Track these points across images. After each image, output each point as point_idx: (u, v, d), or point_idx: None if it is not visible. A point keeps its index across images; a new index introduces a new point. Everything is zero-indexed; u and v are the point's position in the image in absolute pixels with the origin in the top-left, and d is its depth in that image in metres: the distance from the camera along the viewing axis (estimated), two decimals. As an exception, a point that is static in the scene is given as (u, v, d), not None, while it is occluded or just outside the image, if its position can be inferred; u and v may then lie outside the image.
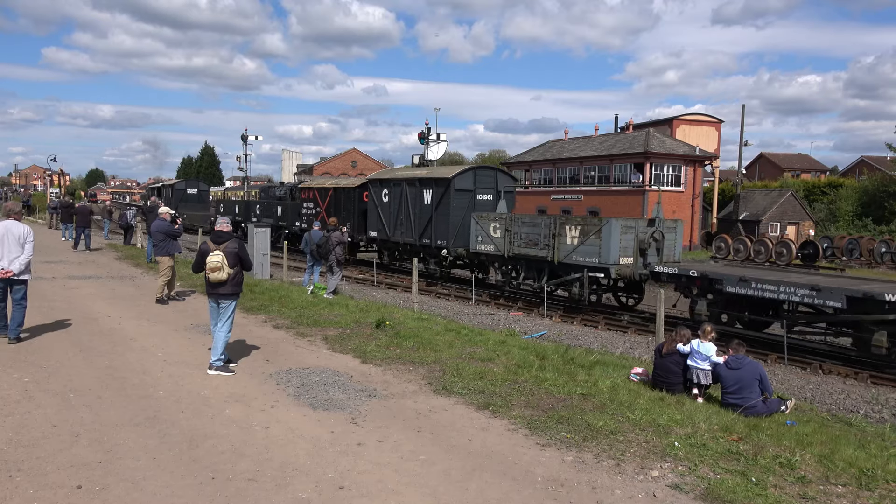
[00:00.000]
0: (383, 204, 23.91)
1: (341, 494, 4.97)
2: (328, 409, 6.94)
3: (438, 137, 33.47)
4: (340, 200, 26.79)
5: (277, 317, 12.07)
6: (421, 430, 6.40)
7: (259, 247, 18.46)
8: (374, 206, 24.40)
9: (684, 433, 6.43)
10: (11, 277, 8.93)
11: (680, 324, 9.44)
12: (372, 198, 24.55)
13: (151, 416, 6.54)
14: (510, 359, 9.18)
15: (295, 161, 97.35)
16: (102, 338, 9.90)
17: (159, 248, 13.62)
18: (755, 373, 7.68)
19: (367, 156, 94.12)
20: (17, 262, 8.93)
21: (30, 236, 9.10)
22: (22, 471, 5.17)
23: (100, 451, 5.62)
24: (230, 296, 8.29)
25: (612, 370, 9.02)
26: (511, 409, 7.06)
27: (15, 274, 8.92)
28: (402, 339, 10.26)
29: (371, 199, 24.63)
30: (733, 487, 5.18)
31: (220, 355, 8.25)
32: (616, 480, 5.35)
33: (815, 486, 5.33)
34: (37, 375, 7.78)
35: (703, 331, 8.42)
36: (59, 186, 62.34)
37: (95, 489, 4.91)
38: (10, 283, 9.03)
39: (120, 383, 7.62)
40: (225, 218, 8.72)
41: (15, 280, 9.01)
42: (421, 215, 22.12)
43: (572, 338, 13.97)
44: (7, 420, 6.27)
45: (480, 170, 22.34)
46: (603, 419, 6.73)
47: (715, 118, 51.25)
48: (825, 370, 12.09)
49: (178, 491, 4.93)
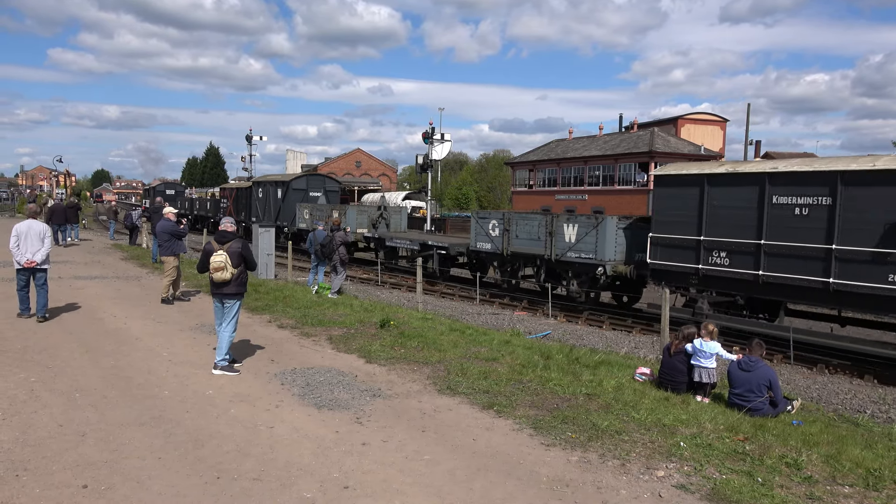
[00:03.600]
0: (259, 198, 33.83)
1: (346, 494, 4.97)
2: (333, 408, 6.94)
3: (443, 137, 33.51)
4: (241, 197, 36.48)
5: (282, 316, 12.08)
6: (425, 429, 6.40)
7: (264, 247, 18.49)
8: (255, 200, 34.30)
9: (690, 433, 6.41)
10: (35, 266, 10.65)
11: (685, 323, 9.42)
12: (255, 194, 34.39)
13: (157, 415, 6.56)
14: (515, 359, 9.17)
15: (299, 161, 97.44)
16: (108, 337, 9.93)
17: (164, 249, 13.65)
18: (765, 378, 7.63)
19: (372, 156, 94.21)
20: (40, 254, 10.68)
21: (48, 232, 11.02)
22: (28, 470, 5.19)
23: (105, 450, 5.63)
24: (234, 296, 8.30)
25: (617, 370, 9.00)
26: (516, 408, 7.05)
27: (38, 263, 10.68)
28: (406, 338, 10.25)
29: (254, 195, 34.42)
30: (739, 487, 5.16)
31: (224, 355, 8.26)
32: (621, 480, 5.33)
33: (822, 487, 5.31)
34: (43, 375, 7.80)
35: (707, 329, 8.39)
36: (65, 187, 62.65)
37: (101, 488, 4.92)
38: (33, 271, 10.75)
39: (125, 383, 7.65)
40: (229, 218, 8.73)
41: (37, 269, 10.75)
42: (275, 205, 32.02)
43: (577, 338, 13.96)
44: (14, 420, 6.29)
45: (311, 176, 34.28)
46: (608, 419, 6.71)
47: (720, 117, 51.17)
48: (831, 370, 12.04)
49: (183, 490, 4.94)
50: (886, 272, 10.82)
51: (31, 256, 10.62)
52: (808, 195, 11.86)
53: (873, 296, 11.11)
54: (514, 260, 18.96)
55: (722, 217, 13.17)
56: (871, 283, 11.03)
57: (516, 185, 59.67)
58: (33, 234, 10.70)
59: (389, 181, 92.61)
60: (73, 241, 26.01)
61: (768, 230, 12.41)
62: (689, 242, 13.78)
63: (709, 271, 13.51)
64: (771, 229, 12.37)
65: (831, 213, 11.52)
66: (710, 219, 13.38)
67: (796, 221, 12.01)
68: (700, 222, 13.53)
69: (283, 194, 31.56)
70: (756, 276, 12.63)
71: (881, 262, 10.88)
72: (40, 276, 10.83)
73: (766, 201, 12.42)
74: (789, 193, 12.13)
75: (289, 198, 31.06)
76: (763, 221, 12.46)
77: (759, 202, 12.52)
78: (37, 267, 10.70)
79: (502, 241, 18.74)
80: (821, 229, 11.65)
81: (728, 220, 13.06)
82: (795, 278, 12.07)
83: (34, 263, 10.65)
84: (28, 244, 10.62)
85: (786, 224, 12.18)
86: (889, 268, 10.79)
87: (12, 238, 10.63)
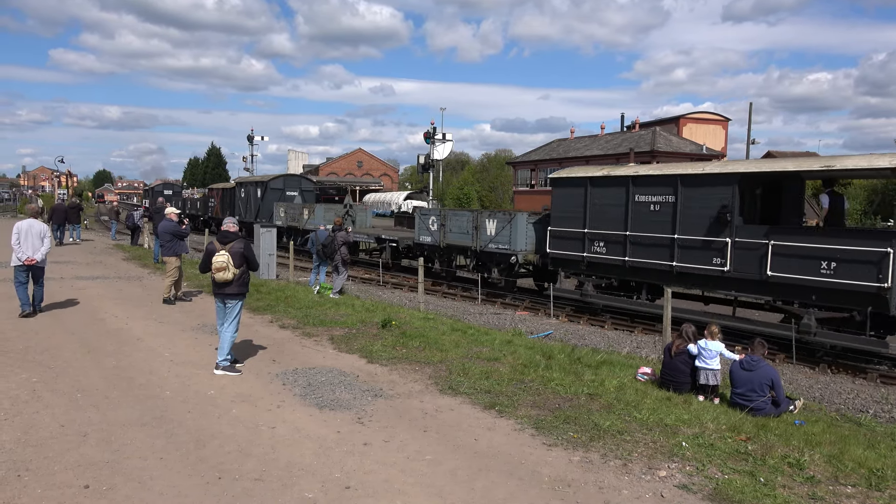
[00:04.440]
0: (241, 198, 36.49)
1: (347, 494, 4.96)
2: (334, 408, 6.94)
3: (444, 137, 33.50)
4: (226, 197, 39.34)
5: (283, 317, 12.08)
6: (427, 429, 6.39)
7: (265, 247, 18.50)
8: (238, 200, 37.09)
9: (692, 433, 6.40)
10: (35, 264, 11.20)
11: (685, 322, 9.39)
12: (238, 194, 37.24)
13: (158, 415, 6.56)
14: (516, 358, 9.16)
15: (301, 161, 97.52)
16: (110, 338, 9.93)
17: (166, 249, 13.66)
18: (767, 377, 7.62)
19: (373, 156, 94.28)
20: (40, 253, 11.25)
21: (48, 232, 11.61)
22: (30, 470, 5.19)
23: (107, 450, 5.64)
24: (236, 296, 8.30)
25: (619, 370, 8.98)
26: (517, 408, 7.05)
27: (38, 262, 11.24)
28: (408, 338, 10.25)
29: (237, 195, 37.24)
30: (742, 488, 5.15)
31: (226, 355, 8.27)
32: (623, 480, 5.33)
33: (825, 487, 5.30)
34: (45, 375, 7.81)
35: (710, 331, 8.38)
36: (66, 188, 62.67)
37: (103, 489, 4.92)
38: (32, 269, 11.30)
39: (127, 383, 7.65)
40: (232, 218, 8.74)
41: (37, 266, 11.31)
42: (255, 204, 34.62)
43: (579, 337, 13.94)
44: (16, 420, 6.30)
45: (288, 177, 37.35)
46: (610, 419, 6.70)
47: (722, 116, 51.11)
48: (834, 369, 12.02)
49: (184, 490, 4.94)
50: (711, 256, 13.25)
51: (31, 254, 11.13)
52: (659, 194, 14.26)
53: (703, 275, 13.58)
54: (449, 251, 20.91)
55: (600, 213, 15.56)
56: (701, 266, 13.47)
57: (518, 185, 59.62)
58: (34, 232, 11.21)
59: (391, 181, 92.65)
60: (74, 241, 26.05)
61: (632, 223, 14.79)
62: (577, 234, 16.16)
63: (591, 259, 15.87)
64: (633, 223, 14.77)
65: (674, 209, 13.89)
66: (591, 215, 15.75)
67: (651, 216, 14.42)
68: (585, 218, 15.89)
69: (262, 194, 33.97)
70: (624, 262, 15.03)
71: (707, 248, 13.33)
72: (38, 273, 11.42)
73: (629, 200, 14.79)
74: (646, 193, 14.54)
75: (267, 197, 33.61)
76: (628, 216, 14.84)
77: (626, 200, 14.85)
78: (36, 265, 11.23)
79: (440, 235, 20.73)
80: (667, 222, 14.06)
81: (604, 216, 15.46)
82: (651, 262, 14.46)
83: (34, 261, 11.15)
84: (29, 243, 11.12)
85: (644, 218, 14.58)
86: (713, 252, 13.20)
87: (13, 235, 11.07)
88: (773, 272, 12.19)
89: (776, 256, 12.15)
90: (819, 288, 11.69)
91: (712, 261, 13.18)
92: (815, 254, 11.66)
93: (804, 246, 11.85)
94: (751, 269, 12.58)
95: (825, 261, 11.52)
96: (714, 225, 13.11)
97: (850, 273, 11.21)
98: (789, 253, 12.01)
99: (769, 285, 12.39)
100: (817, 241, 11.77)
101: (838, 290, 11.43)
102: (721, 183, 13.14)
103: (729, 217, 12.82)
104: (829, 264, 11.48)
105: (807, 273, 11.75)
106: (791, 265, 11.98)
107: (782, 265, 12.10)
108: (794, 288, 12.06)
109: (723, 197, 12.97)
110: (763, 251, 12.32)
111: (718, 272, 13.08)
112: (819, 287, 11.68)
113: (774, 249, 12.17)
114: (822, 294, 11.73)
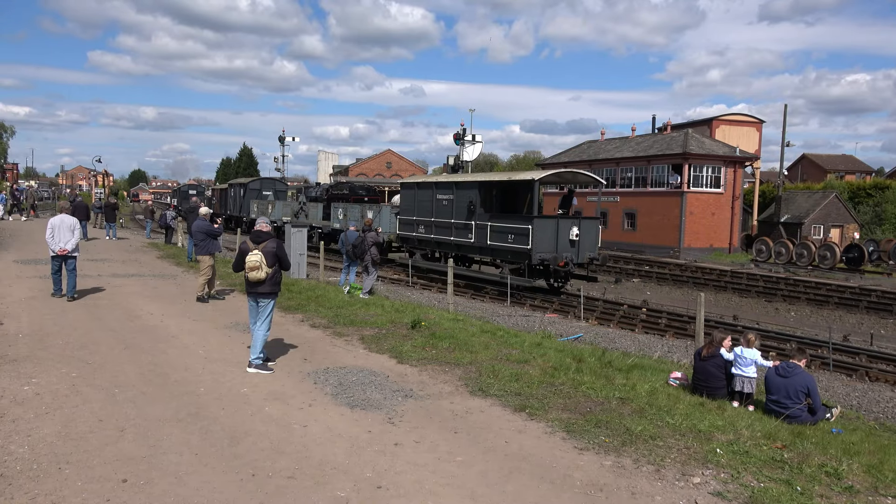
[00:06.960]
0: (231, 196, 45.59)
1: (379, 494, 4.99)
2: (365, 408, 6.98)
3: (474, 138, 33.48)
4: (223, 195, 48.79)
5: (314, 316, 12.19)
6: (457, 431, 6.40)
7: (296, 247, 18.66)
8: (229, 198, 45.98)
9: (726, 439, 6.30)
10: (66, 254, 12.54)
11: (719, 328, 9.27)
12: (229, 193, 46.14)
13: (193, 412, 6.67)
14: (546, 361, 9.12)
15: (331, 162, 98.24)
16: (145, 335, 10.13)
17: (200, 248, 13.88)
18: (803, 384, 7.47)
19: (402, 157, 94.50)
20: (70, 243, 12.63)
21: (77, 225, 13.01)
22: (70, 463, 5.32)
23: (144, 445, 5.75)
24: (268, 295, 8.40)
25: (651, 374, 8.88)
26: (548, 411, 7.02)
27: (69, 251, 12.59)
28: (437, 339, 10.27)
29: (229, 193, 46.12)
30: (778, 496, 5.06)
31: (258, 353, 8.37)
32: (656, 486, 5.27)
33: (864, 497, 5.18)
34: (83, 370, 7.99)
35: (747, 339, 8.26)
36: (103, 187, 64.01)
37: (140, 483, 5.02)
38: (65, 258, 12.64)
39: (162, 379, 7.79)
40: (264, 218, 8.84)
41: (68, 256, 12.63)
42: (238, 201, 43.36)
43: (609, 341, 13.82)
44: (56, 413, 6.46)
45: (264, 179, 46.52)
46: (642, 424, 6.64)
47: (756, 118, 50.16)
48: (872, 377, 11.74)
49: (219, 487, 5.01)
50: (466, 233, 21.52)
51: (63, 245, 12.57)
52: (448, 194, 22.57)
53: (464, 245, 21.92)
54: None
55: (421, 206, 24.04)
56: (463, 239, 21.82)
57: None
58: (65, 226, 12.68)
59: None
60: (110, 238, 26.62)
61: (435, 213, 23.15)
62: (411, 220, 24.66)
63: (419, 237, 24.39)
64: (436, 212, 23.09)
65: (452, 204, 22.20)
66: (417, 207, 24.21)
67: (444, 208, 22.69)
68: (415, 209, 24.37)
69: (244, 193, 42.73)
70: (431, 239, 23.60)
71: (465, 228, 21.64)
72: (70, 261, 12.70)
73: (434, 197, 23.18)
74: (442, 193, 22.89)
75: (247, 196, 42.36)
76: (433, 208, 23.22)
77: (432, 197, 23.27)
78: (68, 254, 12.61)
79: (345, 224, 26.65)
80: (450, 211, 22.30)
81: (423, 208, 23.94)
82: (443, 238, 22.84)
83: (66, 251, 12.59)
84: (61, 235, 12.57)
85: (441, 209, 22.84)
86: (467, 231, 21.49)
87: (48, 230, 12.59)
88: (491, 242, 20.42)
89: (492, 232, 20.31)
90: (508, 250, 19.80)
91: (467, 236, 21.47)
92: (506, 230, 19.82)
93: (502, 225, 20.09)
94: (482, 240, 20.77)
95: (510, 234, 19.66)
96: (468, 214, 21.28)
97: (518, 241, 19.27)
98: (497, 230, 20.13)
99: (490, 249, 20.81)
100: (506, 222, 20.07)
101: (515, 251, 19.53)
102: (470, 188, 21.48)
103: (473, 208, 21.03)
104: (511, 236, 19.63)
105: (503, 242, 19.90)
106: (497, 237, 20.08)
107: (495, 237, 20.20)
108: (499, 251, 20.31)
109: (471, 196, 21.20)
110: (487, 229, 20.49)
111: (469, 243, 21.54)
112: (509, 250, 19.79)
113: (491, 228, 20.38)
114: (510, 254, 19.84)
